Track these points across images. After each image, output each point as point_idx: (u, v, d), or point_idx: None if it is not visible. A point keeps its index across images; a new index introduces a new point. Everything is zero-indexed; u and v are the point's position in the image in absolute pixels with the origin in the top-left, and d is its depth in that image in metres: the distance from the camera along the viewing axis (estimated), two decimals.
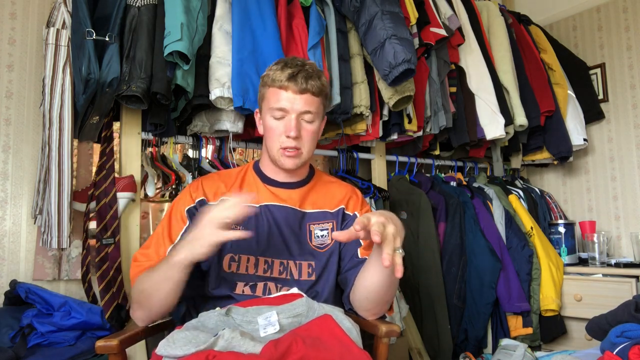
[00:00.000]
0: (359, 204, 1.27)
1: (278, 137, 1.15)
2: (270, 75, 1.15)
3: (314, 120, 1.16)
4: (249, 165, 1.28)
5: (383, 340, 1.08)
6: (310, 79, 1.13)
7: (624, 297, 1.88)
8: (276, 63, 1.17)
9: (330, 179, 1.32)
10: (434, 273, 2.04)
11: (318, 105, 1.16)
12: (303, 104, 1.13)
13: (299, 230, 1.19)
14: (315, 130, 1.18)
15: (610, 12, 2.72)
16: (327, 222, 1.22)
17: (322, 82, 1.16)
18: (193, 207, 1.18)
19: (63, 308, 1.37)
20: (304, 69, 1.14)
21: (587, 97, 2.69)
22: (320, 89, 1.15)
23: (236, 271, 1.14)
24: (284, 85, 1.13)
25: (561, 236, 2.41)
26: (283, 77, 1.12)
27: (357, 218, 0.97)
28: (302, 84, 1.12)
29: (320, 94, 1.16)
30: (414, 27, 1.98)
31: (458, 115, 2.23)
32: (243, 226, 1.16)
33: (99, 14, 1.48)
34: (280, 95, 1.14)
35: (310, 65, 1.16)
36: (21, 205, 1.68)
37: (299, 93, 1.13)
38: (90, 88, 1.41)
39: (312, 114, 1.15)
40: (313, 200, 1.24)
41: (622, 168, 2.64)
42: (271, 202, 1.20)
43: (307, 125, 1.16)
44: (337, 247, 1.20)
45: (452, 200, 2.18)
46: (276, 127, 1.15)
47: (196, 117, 1.74)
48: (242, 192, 1.21)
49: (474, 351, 2.06)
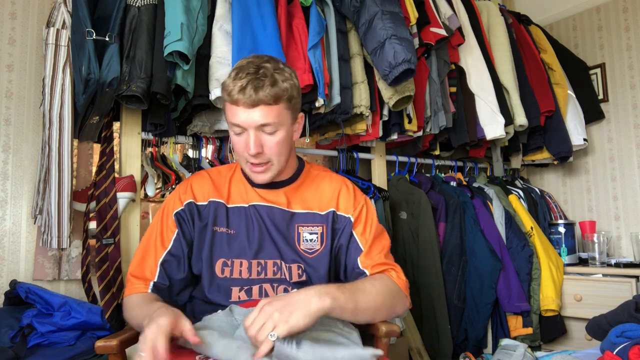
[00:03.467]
0: (350, 198, 1.21)
1: (242, 153, 1.09)
2: (225, 85, 1.06)
3: (276, 130, 1.07)
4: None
5: (383, 340, 1.08)
6: (261, 89, 1.01)
7: (624, 297, 1.88)
8: (234, 68, 1.07)
9: (319, 172, 1.27)
10: (434, 273, 2.04)
11: (278, 113, 1.05)
12: (259, 117, 1.03)
13: (287, 231, 1.17)
14: (282, 140, 1.08)
15: (610, 12, 2.72)
16: (317, 226, 1.18)
17: (280, 86, 1.04)
18: (182, 210, 1.17)
19: (63, 308, 1.37)
20: (256, 77, 1.02)
21: (587, 97, 2.69)
22: (277, 95, 1.04)
23: (230, 276, 1.13)
24: (235, 99, 1.03)
25: (561, 236, 2.41)
26: (234, 90, 1.02)
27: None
28: (251, 95, 1.01)
29: (279, 100, 1.05)
30: (414, 27, 1.98)
31: (458, 115, 2.23)
32: (234, 229, 1.16)
33: (99, 14, 1.48)
34: (234, 111, 1.05)
35: (265, 69, 1.04)
36: (21, 205, 1.68)
37: (250, 107, 1.03)
38: (90, 88, 1.41)
39: (271, 125, 1.05)
40: (302, 199, 1.20)
41: (622, 168, 2.64)
42: (259, 202, 1.18)
43: (270, 138, 1.07)
44: (327, 252, 1.16)
45: (452, 200, 2.18)
46: (238, 143, 1.09)
47: (196, 117, 1.74)
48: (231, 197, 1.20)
49: (474, 351, 2.06)
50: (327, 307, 0.93)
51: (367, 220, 1.20)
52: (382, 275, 1.14)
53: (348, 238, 1.18)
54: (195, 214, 1.17)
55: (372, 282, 1.10)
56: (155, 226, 1.18)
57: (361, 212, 1.20)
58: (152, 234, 1.18)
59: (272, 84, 1.03)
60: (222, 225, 1.17)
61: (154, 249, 1.15)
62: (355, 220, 1.19)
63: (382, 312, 1.09)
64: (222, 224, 1.17)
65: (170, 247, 1.15)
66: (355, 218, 1.19)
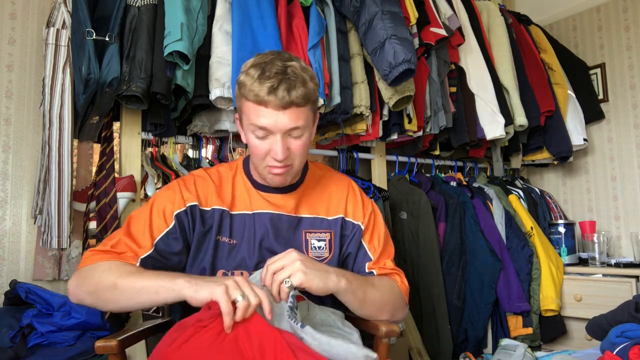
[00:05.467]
0: (359, 204, 1.19)
1: (264, 158, 1.03)
2: (247, 85, 0.97)
3: (303, 134, 1.02)
4: (238, 165, 1.18)
5: (383, 341, 1.08)
6: (293, 90, 0.95)
7: (624, 297, 1.88)
8: (253, 66, 0.98)
9: (323, 172, 1.23)
10: (434, 273, 2.04)
11: (307, 115, 1.01)
12: (288, 121, 0.97)
13: (293, 238, 1.12)
14: (306, 143, 1.04)
15: (610, 12, 2.72)
16: (325, 232, 1.14)
17: (308, 86, 0.98)
18: (183, 212, 1.07)
19: (63, 308, 1.37)
20: (286, 78, 0.95)
21: (587, 97, 2.69)
22: (307, 95, 0.98)
23: None
24: (264, 100, 0.96)
25: (561, 236, 2.41)
26: (262, 91, 0.95)
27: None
28: (284, 97, 0.95)
29: (308, 102, 0.99)
30: (414, 27, 1.98)
31: (458, 115, 2.23)
32: (236, 239, 1.11)
33: (99, 14, 1.48)
34: (260, 112, 0.97)
35: (293, 69, 0.97)
36: (21, 205, 1.68)
37: (281, 109, 0.96)
38: (90, 88, 1.41)
39: (300, 128, 1.00)
40: (309, 203, 1.16)
41: (622, 168, 2.63)
42: (264, 209, 1.12)
43: (296, 142, 1.02)
44: (335, 259, 1.14)
45: (452, 200, 2.18)
46: (260, 147, 1.02)
47: (196, 117, 1.74)
48: (235, 203, 1.13)
49: (474, 351, 2.06)
50: (342, 287, 0.98)
51: (376, 228, 1.19)
52: (389, 278, 1.16)
53: (357, 246, 1.17)
54: (198, 218, 1.09)
55: (381, 280, 1.13)
56: (144, 214, 1.06)
57: (370, 219, 1.19)
58: (142, 221, 1.05)
59: (302, 84, 0.97)
60: (225, 234, 1.11)
61: (141, 235, 1.03)
62: (365, 228, 1.17)
63: (385, 310, 1.10)
64: (226, 233, 1.11)
65: (156, 242, 1.04)
66: (365, 226, 1.17)
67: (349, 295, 1.00)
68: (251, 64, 1.00)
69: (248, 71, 0.99)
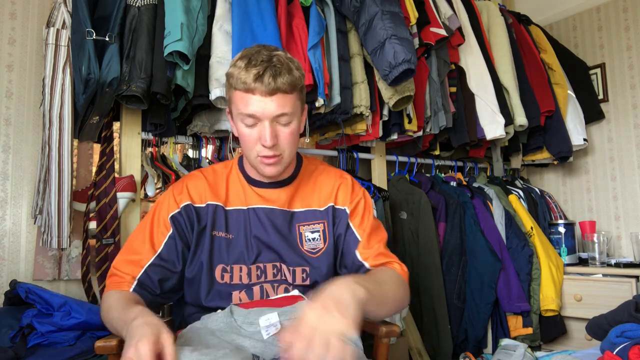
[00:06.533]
0: (348, 191, 1.19)
1: (253, 146, 1.05)
2: (235, 75, 1.01)
3: (291, 121, 1.05)
4: (234, 162, 1.21)
5: (383, 341, 1.08)
6: (279, 76, 0.99)
7: (624, 297, 1.88)
8: (240, 58, 1.02)
9: (317, 167, 1.24)
10: (434, 273, 2.04)
11: (293, 103, 1.03)
12: (275, 107, 1.01)
13: (288, 233, 1.14)
14: (295, 131, 1.06)
15: (610, 12, 2.72)
16: (318, 223, 1.15)
17: (294, 75, 1.02)
18: (178, 213, 1.11)
19: (63, 308, 1.37)
20: (271, 65, 0.99)
21: (587, 97, 2.69)
22: (293, 83, 1.02)
23: (230, 282, 1.10)
24: (251, 87, 0.99)
25: (561, 236, 2.41)
26: (249, 78, 0.98)
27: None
28: (270, 83, 0.98)
29: (294, 89, 1.03)
30: (414, 27, 1.98)
31: (458, 115, 2.23)
32: (232, 233, 1.13)
33: (99, 14, 1.48)
34: (247, 100, 1.01)
35: (278, 57, 1.01)
36: (21, 205, 1.68)
37: (268, 95, 0.99)
38: (90, 88, 1.41)
39: (287, 115, 1.03)
40: (302, 197, 1.17)
41: (622, 168, 2.63)
42: (258, 204, 1.14)
43: (284, 129, 1.04)
44: (331, 248, 1.15)
45: (452, 200, 2.18)
46: (249, 135, 1.04)
47: (196, 117, 1.74)
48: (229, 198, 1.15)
49: (474, 351, 2.06)
50: (365, 295, 0.84)
51: (365, 212, 1.18)
52: (388, 269, 1.13)
53: (345, 229, 1.16)
54: (194, 216, 1.12)
55: (386, 272, 1.09)
56: (145, 227, 1.11)
57: (358, 204, 1.18)
58: (140, 235, 1.11)
59: (288, 71, 1.01)
60: (221, 229, 1.13)
61: (142, 251, 1.08)
62: (352, 211, 1.17)
63: (397, 304, 1.07)
64: (221, 228, 1.13)
65: (160, 251, 1.09)
66: (352, 210, 1.17)
67: (369, 303, 0.86)
68: (239, 56, 1.04)
69: (236, 63, 1.03)
